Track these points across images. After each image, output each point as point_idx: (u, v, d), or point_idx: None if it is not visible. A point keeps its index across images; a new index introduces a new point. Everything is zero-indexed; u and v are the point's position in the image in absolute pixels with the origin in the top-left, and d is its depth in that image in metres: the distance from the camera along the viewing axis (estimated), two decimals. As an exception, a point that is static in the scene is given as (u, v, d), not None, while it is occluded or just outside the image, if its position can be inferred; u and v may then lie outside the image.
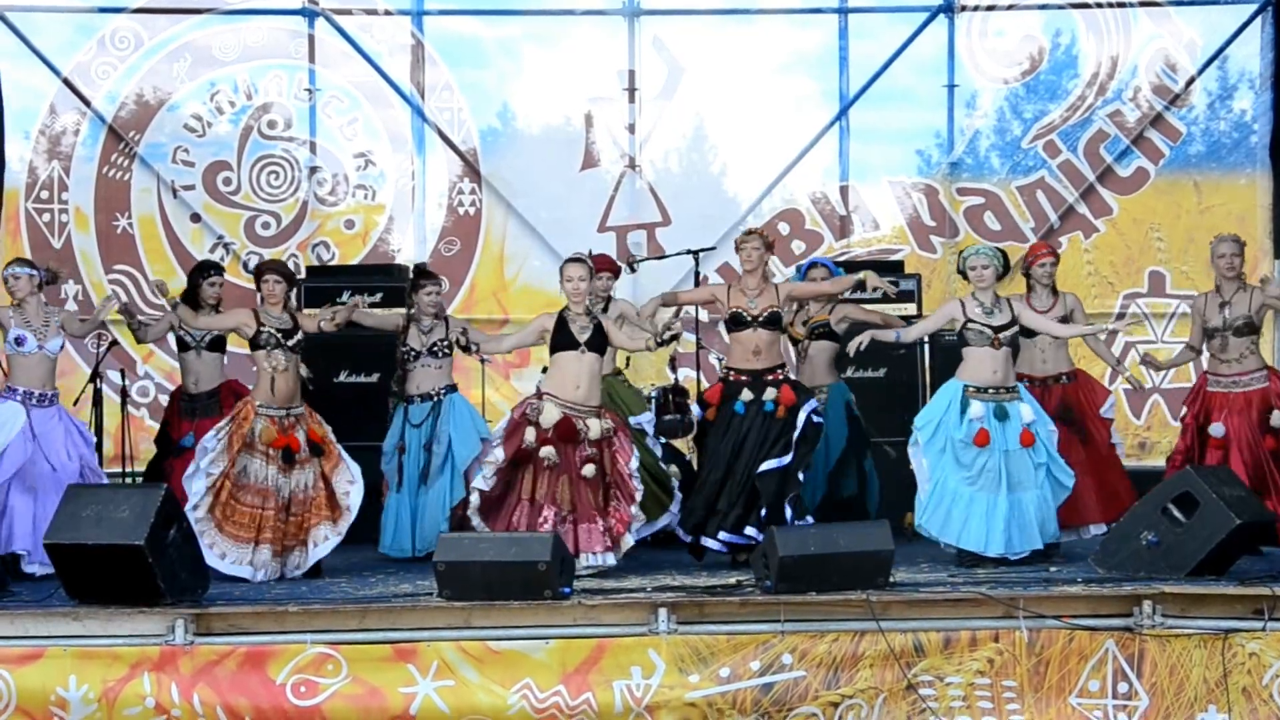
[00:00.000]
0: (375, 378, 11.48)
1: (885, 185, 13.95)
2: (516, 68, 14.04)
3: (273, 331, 9.53)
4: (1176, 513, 8.62)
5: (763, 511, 9.48)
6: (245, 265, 13.56)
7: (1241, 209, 13.59)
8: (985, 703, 7.87)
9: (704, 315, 11.54)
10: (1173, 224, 13.63)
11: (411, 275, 10.75)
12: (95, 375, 11.14)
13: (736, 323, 9.74)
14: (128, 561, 7.81)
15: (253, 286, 13.27)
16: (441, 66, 13.88)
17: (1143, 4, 13.73)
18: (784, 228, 13.82)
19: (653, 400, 11.25)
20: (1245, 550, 8.81)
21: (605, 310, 10.50)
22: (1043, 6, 13.90)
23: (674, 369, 11.77)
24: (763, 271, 9.82)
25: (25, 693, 7.64)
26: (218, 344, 10.66)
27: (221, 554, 9.15)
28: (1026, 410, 9.42)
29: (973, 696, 7.87)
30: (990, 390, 9.45)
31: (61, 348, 9.74)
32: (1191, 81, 13.73)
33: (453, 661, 7.75)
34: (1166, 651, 7.85)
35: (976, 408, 9.39)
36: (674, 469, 10.14)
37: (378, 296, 11.51)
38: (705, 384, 11.83)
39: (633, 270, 11.58)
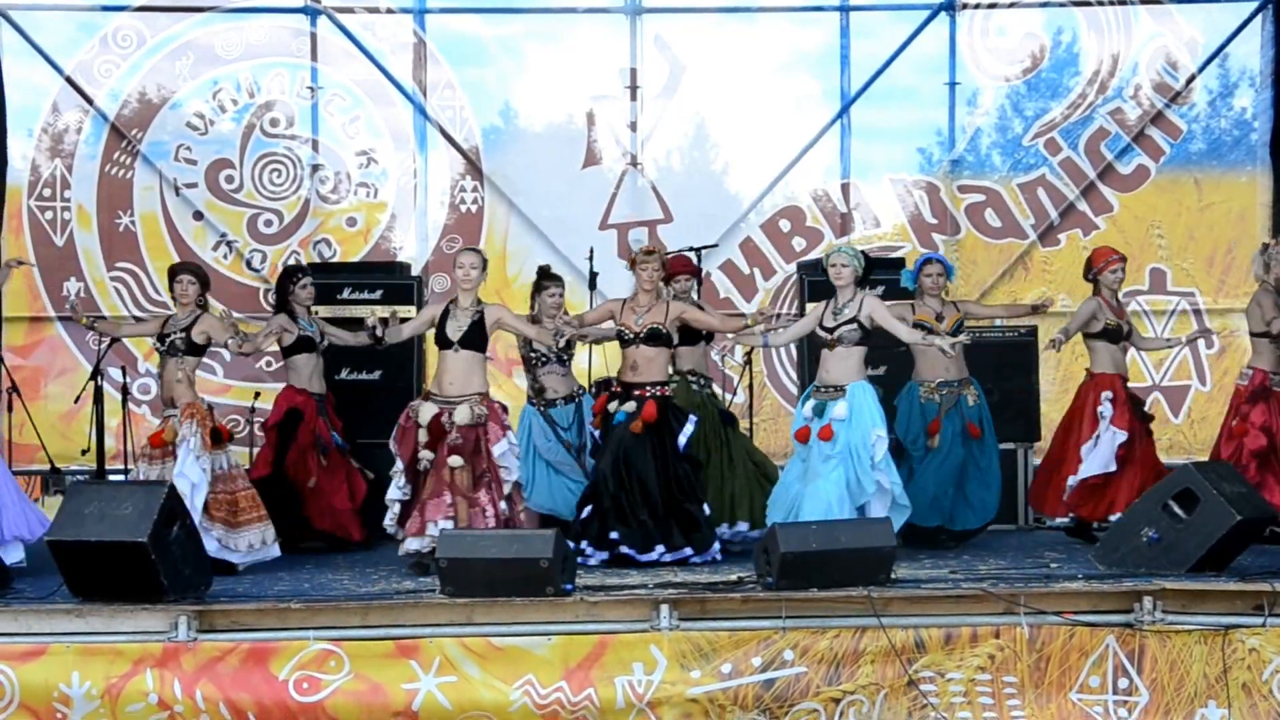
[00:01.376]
0: (377, 375, 11.48)
1: (886, 183, 13.91)
2: (518, 66, 14.00)
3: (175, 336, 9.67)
4: (1177, 509, 8.62)
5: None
6: (248, 263, 13.55)
7: (1242, 206, 13.58)
8: (986, 698, 7.89)
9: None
10: (1173, 221, 13.61)
11: (535, 276, 10.83)
12: (96, 373, 11.13)
13: (621, 339, 9.90)
14: (130, 558, 7.81)
15: (255, 284, 13.40)
16: (443, 65, 13.84)
17: (1143, 2, 13.69)
18: (785, 225, 13.81)
19: None
20: (1248, 544, 8.80)
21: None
22: (1044, 4, 13.86)
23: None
24: (658, 290, 9.95)
25: (28, 689, 7.65)
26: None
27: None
28: (840, 409, 9.45)
29: (974, 692, 7.88)
30: (821, 389, 9.58)
31: None
32: (1192, 79, 13.70)
33: (455, 657, 7.76)
34: (1167, 647, 7.86)
35: (807, 407, 9.55)
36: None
37: (378, 294, 11.50)
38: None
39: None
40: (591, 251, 11.87)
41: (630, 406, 9.77)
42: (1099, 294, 10.66)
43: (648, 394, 9.80)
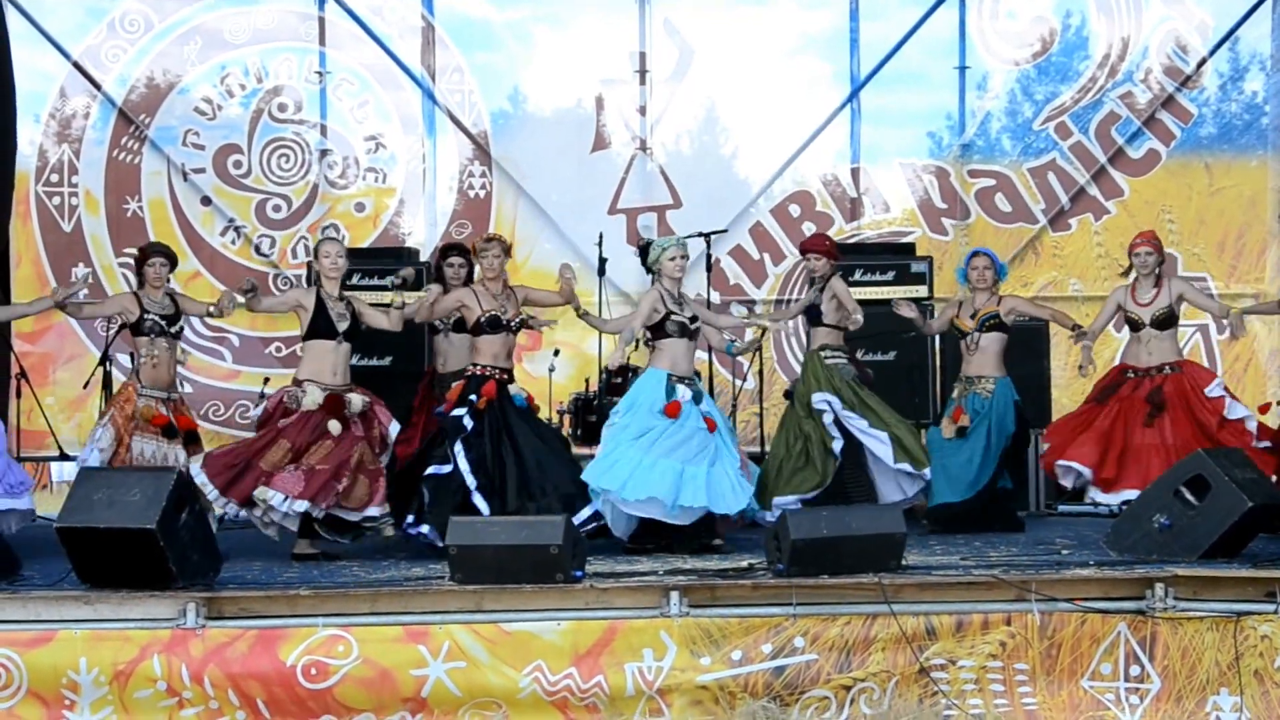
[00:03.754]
0: (388, 361, 11.47)
1: (896, 167, 13.92)
2: (527, 50, 14.02)
3: (156, 318, 9.67)
4: (1189, 495, 8.57)
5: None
6: (257, 248, 13.55)
7: (1252, 191, 13.56)
8: (997, 685, 7.84)
9: (715, 296, 11.53)
10: (1184, 206, 13.60)
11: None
12: (105, 358, 11.12)
13: (494, 326, 9.81)
14: (139, 545, 7.78)
15: (264, 269, 13.40)
16: (452, 49, 13.86)
17: (1153, -15, 13.72)
18: (795, 210, 13.81)
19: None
20: (1261, 531, 8.77)
21: (822, 290, 10.55)
22: (1054, -13, 13.90)
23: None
24: (500, 276, 9.95)
25: (36, 676, 7.63)
26: (460, 326, 10.59)
27: None
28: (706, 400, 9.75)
29: (985, 679, 7.84)
30: (687, 380, 9.69)
31: None
32: (1203, 63, 13.69)
33: (464, 643, 7.73)
34: (1179, 634, 7.81)
35: (684, 390, 9.63)
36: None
37: (387, 280, 11.49)
38: (723, 372, 11.90)
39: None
40: (600, 237, 11.87)
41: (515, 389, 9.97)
42: (1133, 281, 10.55)
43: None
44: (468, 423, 9.63)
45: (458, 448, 9.60)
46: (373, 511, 9.45)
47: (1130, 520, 8.86)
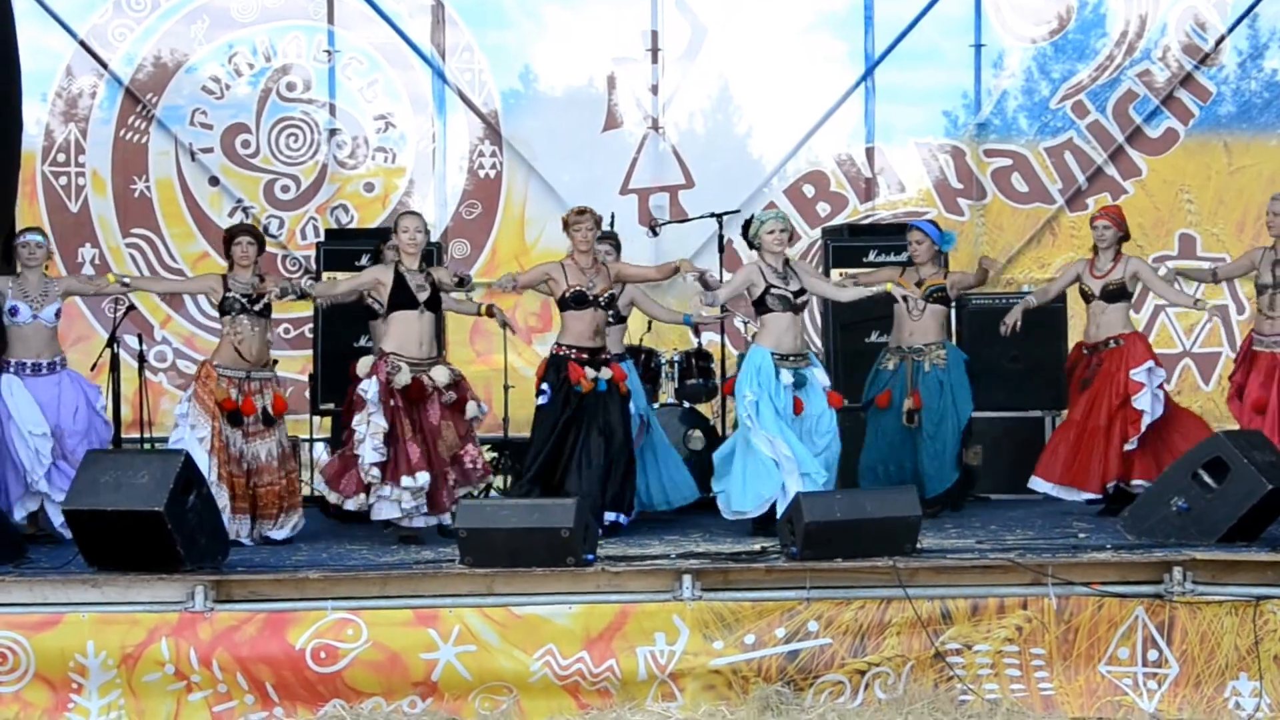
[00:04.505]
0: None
1: (911, 147, 13.85)
2: (538, 28, 13.94)
3: (237, 297, 9.61)
4: (1207, 478, 8.52)
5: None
6: (265, 229, 13.51)
7: (1272, 170, 13.47)
8: (1013, 670, 7.81)
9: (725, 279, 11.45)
10: (1203, 185, 13.52)
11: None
12: (112, 340, 11.09)
13: (579, 302, 9.73)
14: (147, 527, 7.76)
15: (272, 250, 13.36)
16: (462, 27, 13.80)
17: (1172, -40, 13.64)
18: (809, 190, 13.76)
19: (675, 364, 11.23)
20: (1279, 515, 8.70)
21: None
22: (1070, -37, 13.83)
23: (697, 334, 11.73)
24: (591, 250, 9.87)
25: (44, 659, 7.62)
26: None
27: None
28: (820, 375, 9.52)
29: (1001, 664, 7.80)
30: (791, 357, 9.50)
31: (58, 315, 9.62)
32: (1221, 40, 13.59)
33: (475, 626, 7.71)
34: (1197, 619, 7.77)
35: (786, 375, 9.42)
36: (697, 434, 10.09)
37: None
38: (732, 349, 11.83)
39: (655, 234, 11.51)
40: (612, 217, 11.78)
41: (607, 373, 9.77)
42: (1093, 253, 10.47)
43: (608, 356, 9.84)
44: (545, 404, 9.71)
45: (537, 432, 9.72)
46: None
47: (1148, 503, 8.82)
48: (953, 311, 11.15)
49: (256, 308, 9.65)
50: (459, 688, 7.70)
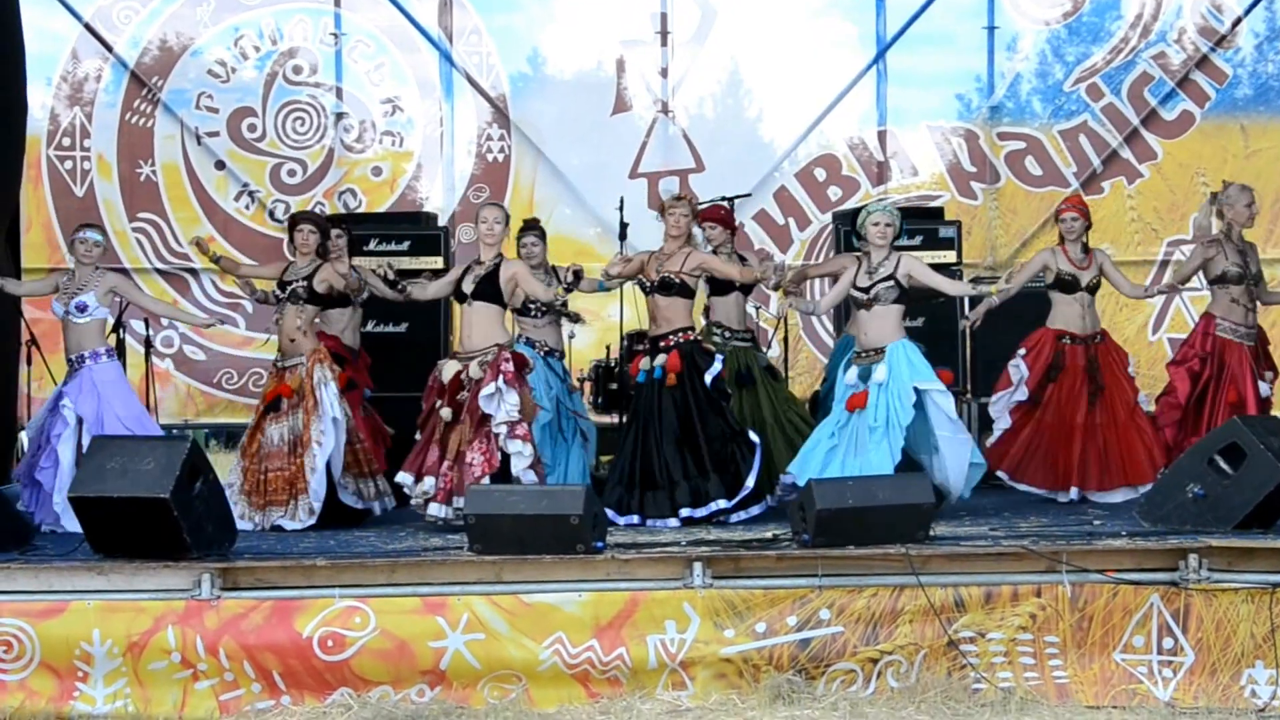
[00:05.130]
0: (404, 328, 11.38)
1: (924, 130, 13.87)
2: (547, 11, 14.00)
3: (286, 283, 9.65)
4: (1223, 464, 8.44)
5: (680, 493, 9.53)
6: (271, 214, 13.50)
7: (1289, 153, 13.52)
8: (1027, 659, 7.76)
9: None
10: (1219, 169, 13.47)
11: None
12: (119, 326, 11.07)
13: (643, 290, 9.78)
14: (153, 514, 7.71)
15: (279, 234, 13.35)
16: (470, 10, 13.84)
17: (1187, -58, 13.62)
18: (821, 174, 13.77)
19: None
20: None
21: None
22: (1084, -56, 13.81)
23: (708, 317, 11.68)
24: (687, 238, 9.80)
25: (49, 647, 7.58)
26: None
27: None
28: (880, 373, 9.28)
29: (1015, 652, 7.76)
30: (861, 353, 9.41)
31: (82, 309, 9.52)
32: (1238, 22, 13.61)
33: (483, 615, 7.67)
34: (1213, 606, 7.72)
35: (851, 374, 9.39)
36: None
37: (405, 245, 11.39)
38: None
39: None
40: (621, 201, 11.74)
41: (660, 360, 9.64)
42: (1061, 244, 10.42)
43: (671, 344, 9.67)
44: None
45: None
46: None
47: (1164, 490, 8.77)
48: (965, 301, 11.14)
49: (284, 294, 9.63)
50: (467, 676, 7.65)
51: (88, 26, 13.50)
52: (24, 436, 11.33)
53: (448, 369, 9.32)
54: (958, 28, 13.81)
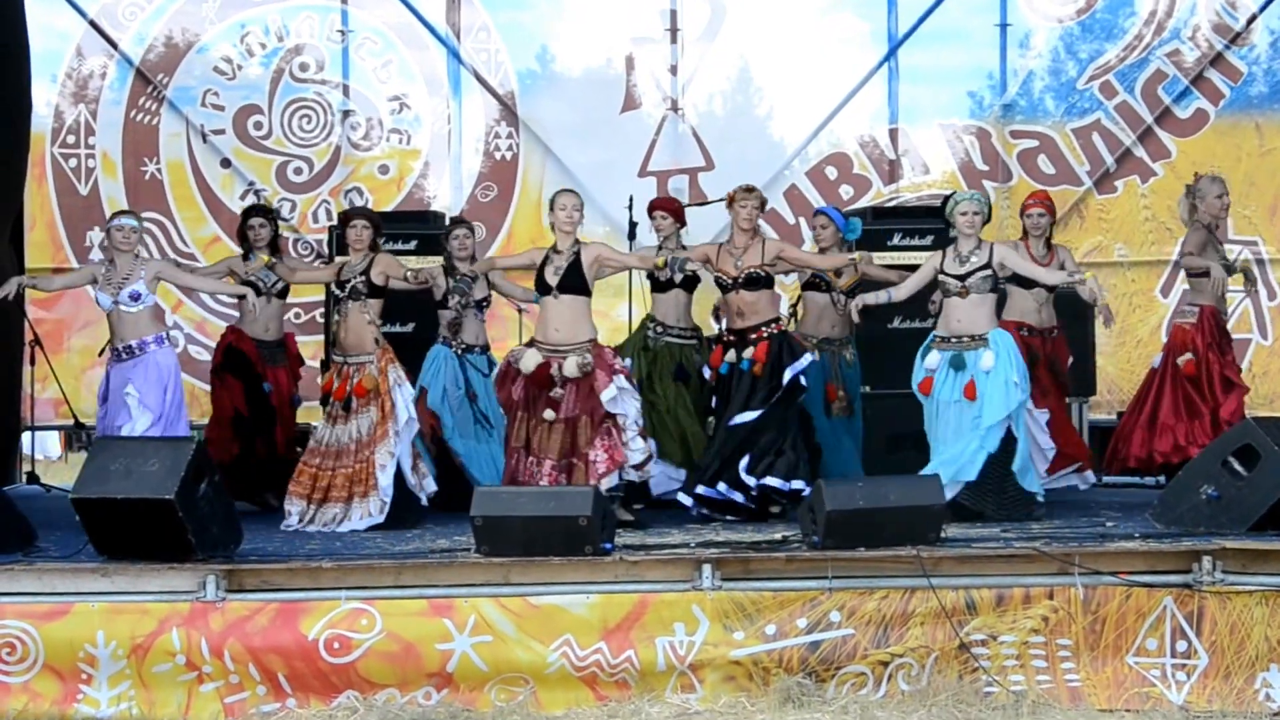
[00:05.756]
0: (410, 328, 11.35)
1: (936, 128, 13.82)
2: (555, 8, 13.94)
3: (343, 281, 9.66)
4: (1237, 465, 8.41)
5: (741, 465, 9.51)
6: (277, 212, 13.44)
7: (1305, 151, 13.48)
8: (1040, 661, 7.72)
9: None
10: (1233, 167, 13.44)
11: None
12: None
13: (721, 287, 9.75)
14: (158, 516, 7.69)
15: (284, 233, 13.33)
16: (478, 7, 13.80)
17: (1202, -62, 13.58)
18: (832, 172, 13.73)
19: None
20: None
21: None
22: (1098, -60, 13.79)
23: (718, 319, 11.63)
24: (755, 230, 9.80)
25: (53, 649, 7.56)
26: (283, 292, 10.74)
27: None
28: (987, 359, 9.28)
29: (1026, 655, 7.72)
30: (952, 339, 9.38)
31: (138, 298, 9.46)
32: (1253, 19, 13.53)
33: (491, 617, 7.64)
34: (1227, 609, 7.69)
35: (934, 358, 9.37)
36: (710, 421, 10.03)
37: (412, 244, 11.36)
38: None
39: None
40: (630, 200, 11.71)
41: (749, 352, 9.60)
42: (1024, 239, 10.45)
43: (763, 334, 9.65)
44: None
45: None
46: None
47: (1177, 491, 8.75)
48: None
49: (344, 292, 9.60)
50: (475, 679, 7.62)
51: (93, 23, 13.47)
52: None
53: (528, 360, 9.21)
54: (970, 24, 13.76)
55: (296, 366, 10.81)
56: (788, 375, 9.54)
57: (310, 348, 12.58)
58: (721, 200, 11.02)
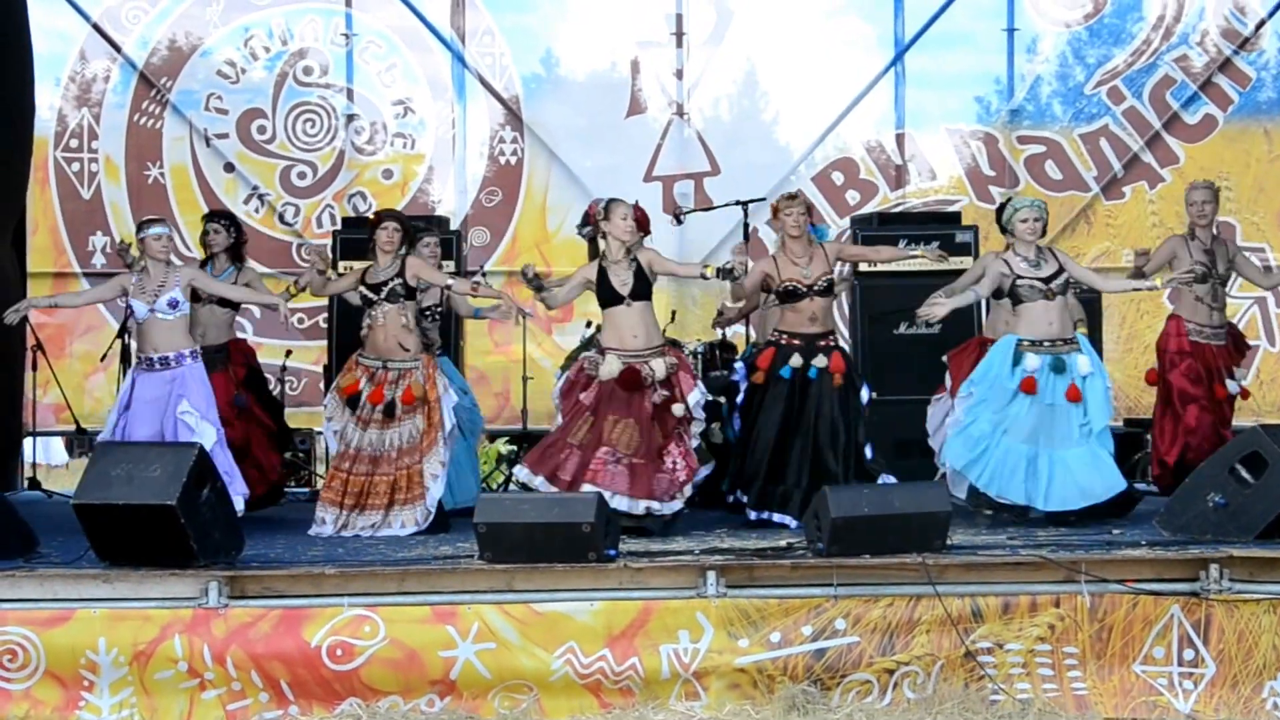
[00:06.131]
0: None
1: (943, 133, 13.82)
2: (561, 12, 13.94)
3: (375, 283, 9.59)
4: (1244, 473, 8.36)
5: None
6: (281, 217, 13.45)
7: (1314, 158, 13.48)
8: (1046, 670, 7.68)
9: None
10: (1242, 173, 13.51)
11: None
12: (124, 330, 11.02)
13: (790, 296, 9.60)
14: (159, 522, 7.65)
15: (288, 238, 13.32)
16: (483, 10, 13.80)
17: (1210, -57, 13.58)
18: (838, 177, 13.72)
19: (699, 356, 11.12)
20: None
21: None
22: (1106, -55, 13.78)
23: (721, 325, 11.61)
24: (807, 235, 9.71)
25: (54, 656, 7.52)
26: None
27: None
28: (1084, 363, 9.30)
29: (1033, 664, 7.68)
30: (1046, 343, 9.32)
31: (176, 305, 9.35)
32: (1262, 25, 13.56)
33: (494, 624, 7.60)
34: (1234, 617, 7.64)
35: (1032, 359, 9.28)
36: (716, 427, 9.98)
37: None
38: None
39: (679, 222, 11.39)
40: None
41: (821, 361, 9.54)
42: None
43: (832, 344, 9.65)
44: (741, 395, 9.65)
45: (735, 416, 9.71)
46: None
47: (1184, 499, 8.68)
48: (983, 301, 11.07)
49: (382, 294, 9.53)
50: (478, 686, 7.58)
51: (96, 26, 13.47)
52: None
53: (610, 367, 9.19)
54: (977, 29, 13.78)
55: (239, 370, 10.61)
56: (865, 395, 9.60)
57: (313, 353, 12.59)
58: (726, 206, 11.02)
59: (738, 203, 11.32)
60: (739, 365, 9.81)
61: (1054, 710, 7.59)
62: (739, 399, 9.73)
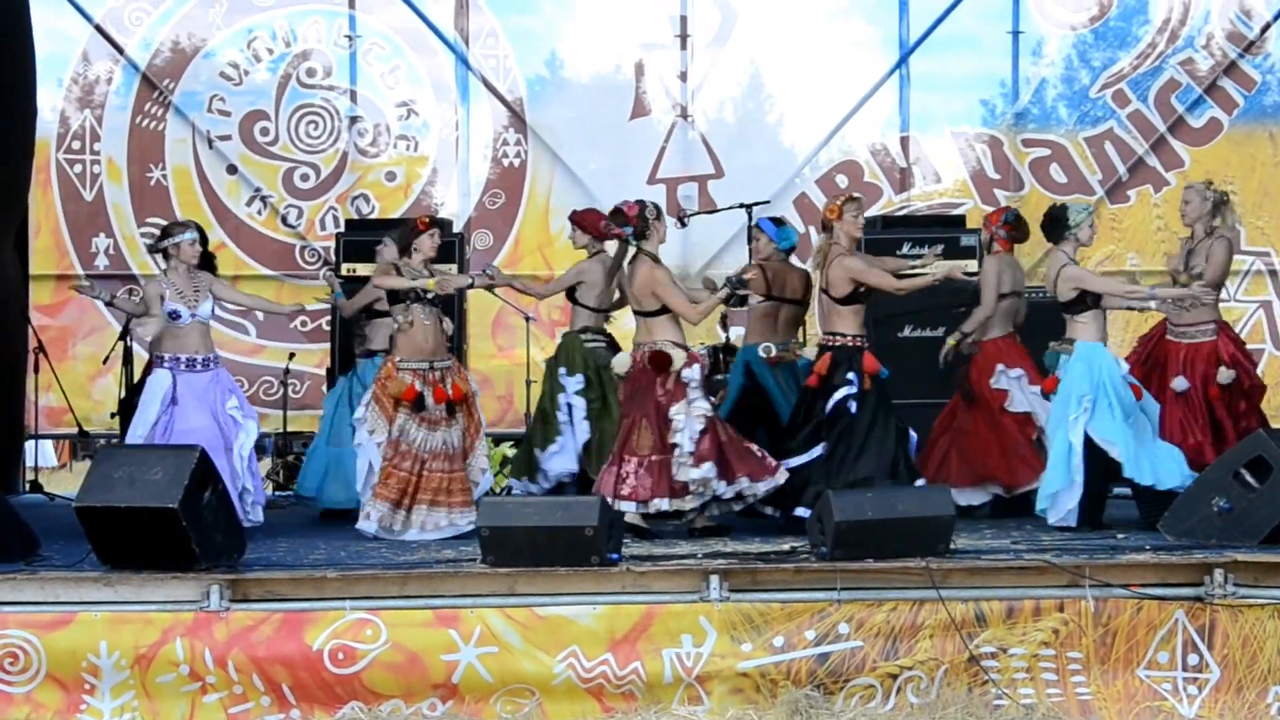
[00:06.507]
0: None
1: (947, 136, 13.83)
2: (565, 14, 13.95)
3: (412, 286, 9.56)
4: (1249, 477, 8.36)
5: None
6: (284, 219, 13.44)
7: (1320, 161, 13.47)
8: (1050, 674, 7.67)
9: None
10: (1247, 177, 13.51)
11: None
12: (125, 333, 11.02)
13: (868, 297, 9.60)
14: (161, 525, 7.64)
15: (291, 240, 13.31)
16: (487, 12, 13.81)
17: (1216, -55, 13.57)
18: (842, 180, 13.72)
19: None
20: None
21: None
22: (1112, -52, 13.79)
23: (725, 328, 11.60)
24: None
25: (56, 659, 7.51)
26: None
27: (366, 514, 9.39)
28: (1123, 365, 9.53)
29: (1037, 668, 7.67)
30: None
31: (211, 310, 9.51)
32: (1267, 28, 13.54)
33: (496, 627, 7.59)
34: (1239, 622, 7.63)
35: (1122, 363, 9.44)
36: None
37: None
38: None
39: (683, 225, 11.37)
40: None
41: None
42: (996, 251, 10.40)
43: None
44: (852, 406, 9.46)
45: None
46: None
47: (1188, 503, 8.69)
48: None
49: (429, 296, 9.53)
50: (480, 690, 7.57)
51: (98, 28, 13.48)
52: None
53: (621, 362, 9.36)
54: (982, 32, 13.80)
55: None
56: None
57: (316, 356, 12.58)
58: (730, 208, 11.01)
59: (742, 205, 11.31)
60: (851, 376, 9.47)
61: (1058, 715, 7.57)
62: (851, 408, 9.49)
